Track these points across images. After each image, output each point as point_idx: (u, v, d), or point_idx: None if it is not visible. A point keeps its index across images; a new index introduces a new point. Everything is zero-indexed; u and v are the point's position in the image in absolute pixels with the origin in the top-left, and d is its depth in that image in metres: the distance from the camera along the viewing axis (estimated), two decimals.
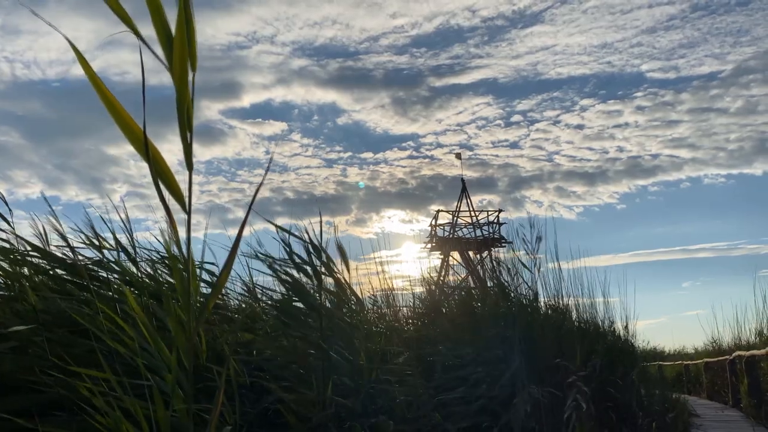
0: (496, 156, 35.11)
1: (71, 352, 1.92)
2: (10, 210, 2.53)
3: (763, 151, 35.70)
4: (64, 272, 2.39)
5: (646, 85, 36.03)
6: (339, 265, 3.72)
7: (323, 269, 2.69)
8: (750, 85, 34.07)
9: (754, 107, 34.77)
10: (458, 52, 35.64)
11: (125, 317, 1.73)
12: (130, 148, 0.81)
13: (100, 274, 2.43)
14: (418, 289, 5.17)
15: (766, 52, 34.41)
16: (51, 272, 2.44)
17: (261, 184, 0.78)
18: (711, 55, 35.45)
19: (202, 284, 2.97)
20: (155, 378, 1.34)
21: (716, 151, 36.42)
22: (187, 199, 0.72)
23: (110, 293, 2.25)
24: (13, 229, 2.44)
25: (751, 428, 7.24)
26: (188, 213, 0.72)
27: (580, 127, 35.53)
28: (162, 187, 0.71)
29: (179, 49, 0.69)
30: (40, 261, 2.47)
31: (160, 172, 0.72)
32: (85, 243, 2.60)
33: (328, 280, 3.54)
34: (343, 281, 2.88)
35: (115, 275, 2.39)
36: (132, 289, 2.28)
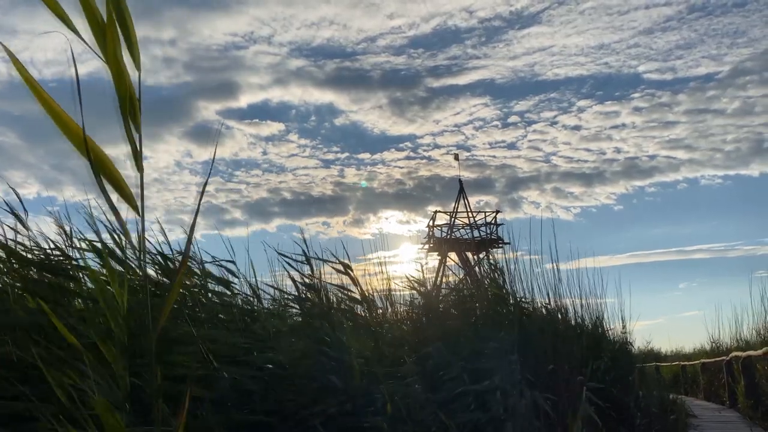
0: (494, 157, 35.15)
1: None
2: (26, 211, 2.50)
3: (759, 152, 35.77)
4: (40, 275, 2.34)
5: (643, 86, 36.08)
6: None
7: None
8: (747, 87, 34.15)
9: (750, 108, 34.84)
10: (456, 53, 35.67)
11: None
12: (127, 149, 0.77)
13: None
14: (416, 290, 5.13)
15: (762, 54, 34.47)
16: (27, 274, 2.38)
17: (205, 184, 0.73)
18: (708, 57, 35.51)
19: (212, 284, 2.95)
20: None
21: (713, 153, 36.48)
22: (139, 202, 0.67)
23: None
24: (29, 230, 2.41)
25: (748, 429, 7.22)
26: (141, 215, 0.67)
27: (577, 128, 35.58)
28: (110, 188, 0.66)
29: (111, 34, 0.64)
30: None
31: (104, 172, 0.67)
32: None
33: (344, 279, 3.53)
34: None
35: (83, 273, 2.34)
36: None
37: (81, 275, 2.32)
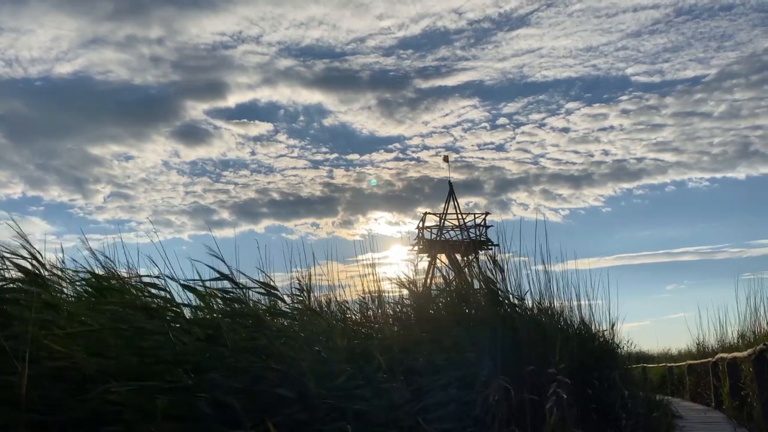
0: (482, 158, 35.24)
1: None
2: None
3: (746, 155, 36.12)
4: None
5: (631, 89, 36.26)
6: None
7: None
8: (733, 90, 34.41)
9: (737, 112, 35.15)
10: (444, 54, 35.70)
11: None
12: (114, 149, 0.77)
13: None
14: (405, 291, 5.17)
15: (749, 57, 34.81)
16: None
17: None
18: (695, 60, 35.75)
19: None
20: None
21: (700, 155, 36.77)
22: None
23: None
24: None
25: (732, 429, 7.32)
26: None
27: (565, 130, 35.73)
28: None
29: None
30: None
31: None
32: None
33: None
34: None
35: None
36: None
37: None
